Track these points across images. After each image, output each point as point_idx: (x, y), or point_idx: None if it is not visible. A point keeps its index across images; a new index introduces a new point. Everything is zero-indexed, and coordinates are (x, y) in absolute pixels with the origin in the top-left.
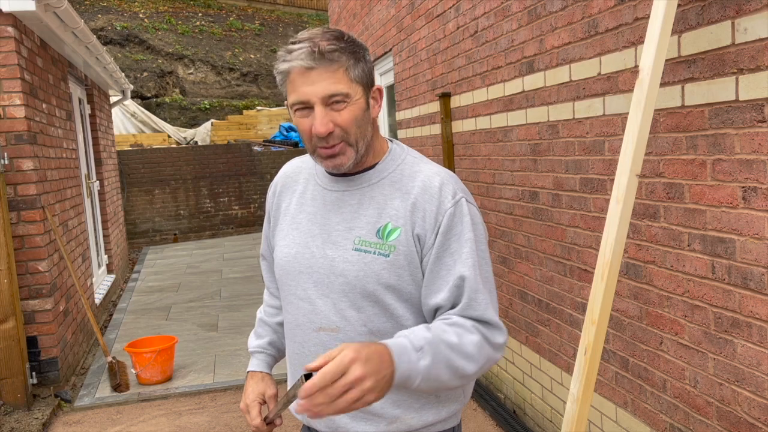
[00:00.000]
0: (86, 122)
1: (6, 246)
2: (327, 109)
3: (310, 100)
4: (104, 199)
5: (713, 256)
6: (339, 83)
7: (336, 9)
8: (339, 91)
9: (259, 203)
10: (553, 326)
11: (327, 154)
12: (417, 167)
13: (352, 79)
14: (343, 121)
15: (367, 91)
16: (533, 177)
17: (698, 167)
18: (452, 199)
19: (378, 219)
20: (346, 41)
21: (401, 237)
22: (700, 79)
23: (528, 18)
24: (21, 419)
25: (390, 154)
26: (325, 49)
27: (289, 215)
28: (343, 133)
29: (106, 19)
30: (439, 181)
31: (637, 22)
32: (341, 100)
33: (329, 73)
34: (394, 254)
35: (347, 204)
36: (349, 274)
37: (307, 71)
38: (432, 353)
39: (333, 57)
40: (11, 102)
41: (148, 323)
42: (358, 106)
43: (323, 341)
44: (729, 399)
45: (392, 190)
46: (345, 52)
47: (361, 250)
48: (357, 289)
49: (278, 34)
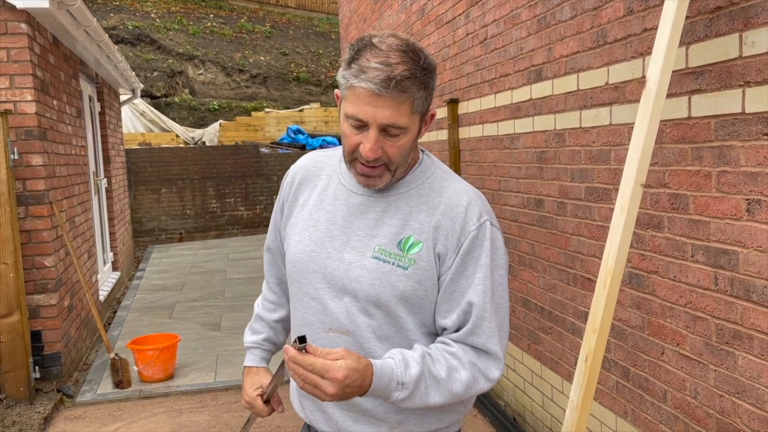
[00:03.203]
0: (96, 120)
1: (13, 240)
2: (381, 134)
3: (369, 122)
4: (111, 196)
5: (716, 268)
6: (402, 116)
7: (347, 13)
8: (398, 124)
9: (264, 205)
10: (555, 334)
11: (365, 173)
12: (445, 182)
13: (415, 110)
14: (393, 151)
15: (423, 119)
16: (539, 185)
17: (703, 178)
18: (477, 221)
19: (401, 230)
20: (422, 68)
21: (422, 252)
22: (707, 90)
23: (537, 26)
24: (23, 413)
25: (420, 165)
26: (401, 78)
27: (307, 210)
28: (387, 160)
29: (118, 18)
30: (467, 200)
31: (646, 33)
32: (397, 134)
33: (396, 103)
34: (412, 268)
35: (372, 210)
36: (364, 281)
37: (377, 96)
38: (411, 390)
39: (405, 87)
40: (22, 98)
41: (151, 321)
42: (410, 137)
43: (333, 342)
44: (729, 411)
45: (419, 202)
46: (417, 82)
47: (380, 259)
48: (370, 296)
49: (288, 37)
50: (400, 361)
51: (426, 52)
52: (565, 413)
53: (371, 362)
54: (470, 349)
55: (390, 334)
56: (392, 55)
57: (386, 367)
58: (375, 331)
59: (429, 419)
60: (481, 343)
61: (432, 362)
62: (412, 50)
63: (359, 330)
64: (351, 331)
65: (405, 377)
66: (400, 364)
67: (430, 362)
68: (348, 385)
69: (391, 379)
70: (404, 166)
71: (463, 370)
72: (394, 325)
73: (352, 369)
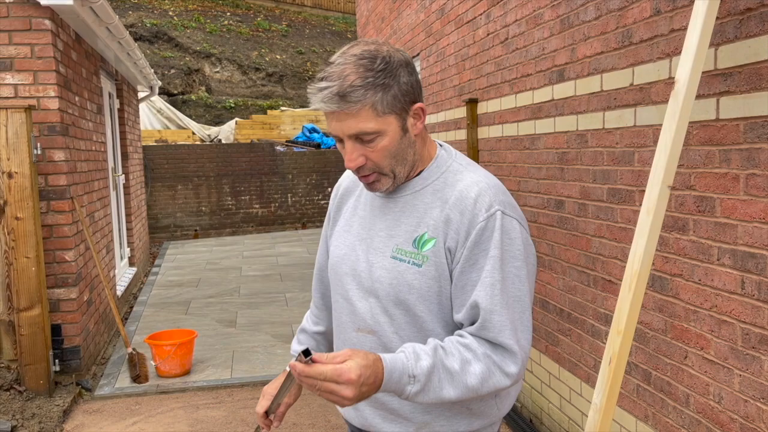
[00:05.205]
0: (115, 116)
1: (36, 234)
2: (357, 143)
3: (339, 136)
4: (129, 192)
5: (743, 272)
6: (366, 122)
7: (364, 12)
8: (365, 131)
9: (279, 203)
10: (574, 336)
11: (363, 182)
12: (460, 175)
13: (381, 112)
14: (375, 156)
15: (404, 116)
16: (559, 185)
17: (731, 181)
18: (486, 212)
19: (416, 228)
20: (376, 71)
21: (435, 248)
22: (736, 92)
23: (560, 27)
24: (42, 405)
25: (436, 160)
26: (347, 92)
27: (345, 218)
28: (374, 165)
29: (136, 16)
30: (476, 191)
31: (673, 34)
32: (371, 139)
33: (353, 113)
34: (426, 265)
35: (391, 211)
36: (384, 281)
37: (332, 113)
38: (423, 383)
39: (356, 98)
40: (46, 93)
41: (167, 317)
42: (390, 138)
43: (361, 342)
44: (753, 416)
45: (433, 198)
46: (372, 87)
47: (397, 258)
48: (390, 296)
49: (304, 36)
50: (411, 354)
51: (390, 51)
52: (582, 416)
53: (381, 357)
54: (485, 341)
55: (411, 334)
56: (344, 66)
57: (397, 361)
58: (397, 332)
59: (458, 422)
60: (492, 337)
61: (445, 355)
62: (368, 56)
63: (382, 330)
64: (376, 331)
65: (416, 370)
66: (410, 357)
67: (443, 354)
68: (363, 383)
69: (403, 372)
70: (404, 164)
71: (477, 362)
72: (415, 325)
73: (363, 366)
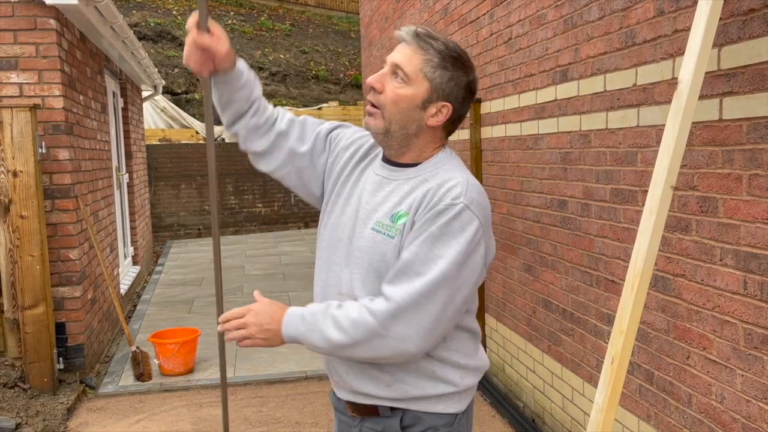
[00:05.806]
0: (119, 115)
1: (40, 233)
2: (390, 76)
3: (386, 61)
4: (132, 191)
5: (746, 272)
6: (409, 63)
7: (368, 12)
8: (402, 66)
9: (282, 202)
10: (576, 336)
11: (366, 109)
12: (450, 173)
13: (424, 71)
14: (387, 93)
15: (432, 97)
16: (562, 185)
17: (734, 182)
18: (451, 200)
19: (397, 206)
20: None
21: (405, 222)
22: (740, 93)
23: (564, 27)
24: (46, 403)
25: (435, 158)
26: (424, 39)
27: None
28: (383, 101)
29: (140, 15)
30: (453, 183)
31: (677, 34)
32: (400, 76)
33: (410, 50)
34: (397, 237)
35: (383, 190)
36: (363, 250)
37: (400, 43)
38: (311, 322)
39: (422, 44)
40: (50, 93)
41: (170, 315)
42: (408, 94)
43: None
44: (755, 416)
45: (420, 185)
46: (436, 51)
47: (376, 230)
48: (365, 264)
49: (308, 35)
50: (312, 305)
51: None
52: (585, 415)
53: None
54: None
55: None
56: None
57: (296, 309)
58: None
59: (423, 384)
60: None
61: (335, 306)
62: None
63: (361, 296)
64: (356, 296)
65: (308, 313)
66: (310, 305)
67: (334, 306)
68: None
69: (297, 315)
70: (401, 127)
71: (353, 309)
72: None
73: (259, 304)
